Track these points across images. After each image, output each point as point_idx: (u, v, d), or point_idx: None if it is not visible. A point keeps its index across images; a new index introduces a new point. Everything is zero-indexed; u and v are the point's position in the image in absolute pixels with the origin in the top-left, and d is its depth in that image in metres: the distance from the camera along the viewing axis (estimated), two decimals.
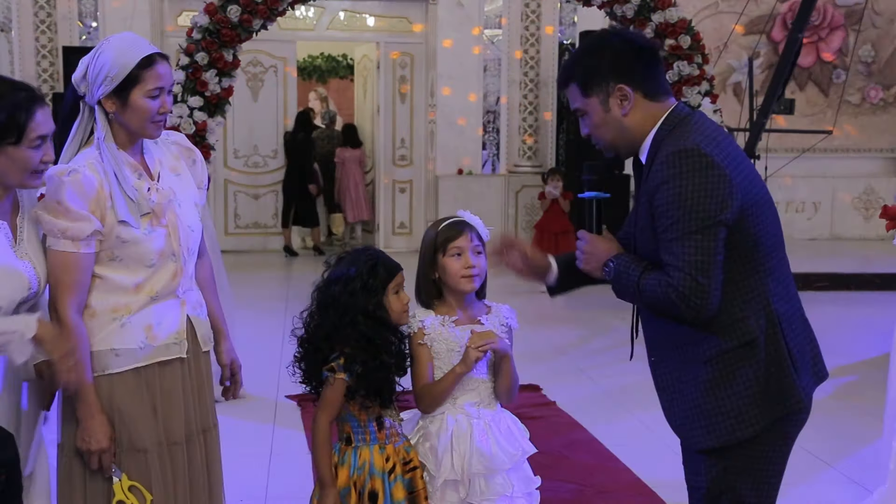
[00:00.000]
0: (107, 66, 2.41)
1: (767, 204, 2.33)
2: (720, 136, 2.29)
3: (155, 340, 2.50)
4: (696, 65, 6.03)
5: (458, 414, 2.67)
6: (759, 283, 2.28)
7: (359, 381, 2.54)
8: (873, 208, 11.32)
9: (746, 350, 2.26)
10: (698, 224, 2.17)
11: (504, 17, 10.98)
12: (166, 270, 2.51)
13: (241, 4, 5.51)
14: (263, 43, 9.87)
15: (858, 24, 11.03)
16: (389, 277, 2.59)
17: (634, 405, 5.06)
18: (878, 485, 3.68)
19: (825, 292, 8.68)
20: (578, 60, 2.42)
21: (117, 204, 2.42)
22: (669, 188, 2.20)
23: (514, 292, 2.59)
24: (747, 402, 2.27)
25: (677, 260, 2.20)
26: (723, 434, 2.28)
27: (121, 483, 2.45)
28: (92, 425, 2.40)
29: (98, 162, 2.44)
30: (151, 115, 2.46)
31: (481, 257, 2.69)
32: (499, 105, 11.39)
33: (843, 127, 11.11)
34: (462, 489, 2.65)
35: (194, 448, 2.59)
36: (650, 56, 2.37)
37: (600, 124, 2.37)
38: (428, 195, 11.09)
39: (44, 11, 10.02)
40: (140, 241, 2.45)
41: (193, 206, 2.62)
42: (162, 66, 2.46)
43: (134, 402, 2.48)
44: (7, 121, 2.26)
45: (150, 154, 2.58)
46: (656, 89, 2.35)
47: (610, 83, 2.32)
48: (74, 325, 2.38)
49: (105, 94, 2.43)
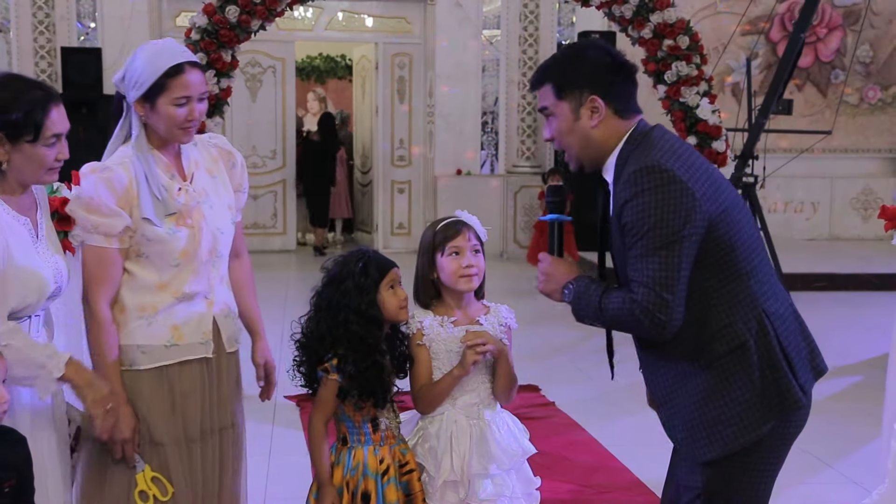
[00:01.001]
0: (137, 71, 2.47)
1: (738, 208, 2.34)
2: (681, 149, 2.30)
3: (181, 340, 2.55)
4: (695, 65, 6.04)
5: (457, 414, 2.67)
6: (742, 286, 2.28)
7: (351, 381, 2.54)
8: (872, 208, 11.33)
9: (738, 355, 2.26)
10: (662, 240, 2.19)
11: (502, 17, 10.98)
12: (191, 271, 2.55)
13: (240, 5, 5.51)
14: (262, 43, 9.87)
15: (858, 25, 11.04)
16: (381, 275, 2.59)
17: (633, 405, 5.05)
18: (878, 485, 3.68)
19: (824, 292, 8.69)
20: (558, 62, 2.43)
21: (143, 202, 2.47)
22: (633, 206, 2.22)
23: (512, 292, 2.59)
24: (746, 406, 2.26)
25: (641, 276, 2.21)
26: (727, 443, 2.27)
27: (143, 474, 2.50)
28: (118, 416, 2.45)
29: (131, 160, 2.50)
30: (178, 122, 2.50)
31: (479, 257, 2.69)
32: (497, 105, 11.39)
33: (841, 127, 11.11)
34: (462, 489, 2.64)
35: (208, 446, 2.61)
36: (627, 74, 2.39)
37: (566, 131, 2.38)
38: (426, 195, 11.09)
39: (42, 12, 10.01)
40: (164, 240, 2.50)
41: (226, 208, 2.66)
42: (191, 74, 2.49)
43: (155, 397, 2.53)
44: (24, 119, 2.29)
45: (187, 155, 2.62)
46: (627, 107, 2.37)
47: (584, 92, 2.34)
48: (105, 319, 2.47)
49: (136, 99, 2.49)
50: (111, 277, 2.49)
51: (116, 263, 2.49)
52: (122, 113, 2.56)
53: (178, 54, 2.50)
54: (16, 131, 2.29)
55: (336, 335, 2.56)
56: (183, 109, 2.48)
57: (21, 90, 2.32)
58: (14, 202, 2.37)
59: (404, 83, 11.10)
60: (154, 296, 2.53)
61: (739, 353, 2.26)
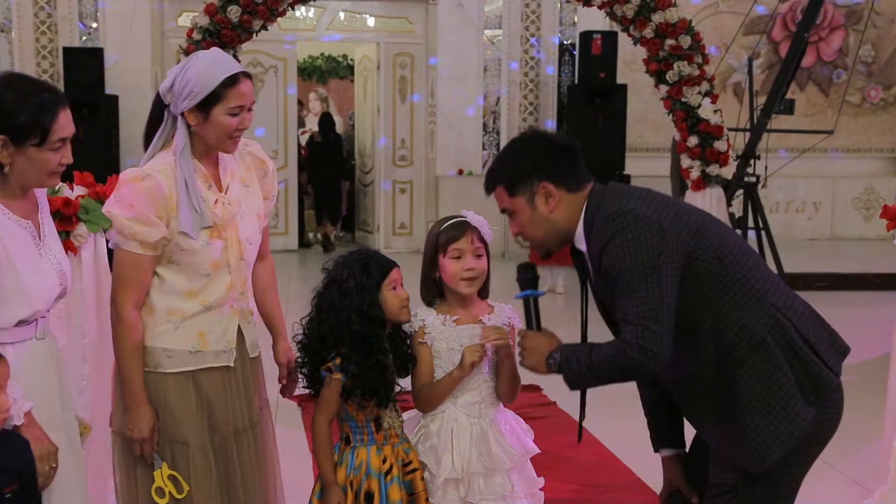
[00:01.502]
0: (192, 81, 2.49)
1: (712, 223, 2.41)
2: (637, 192, 2.40)
3: (206, 347, 2.60)
4: (697, 65, 6.03)
5: (458, 413, 2.67)
6: (745, 289, 2.32)
7: (354, 381, 2.54)
8: (874, 208, 11.31)
9: (760, 353, 2.28)
10: (640, 275, 2.25)
11: (504, 17, 10.97)
12: (220, 281, 2.60)
13: (241, 5, 5.51)
14: (263, 43, 9.86)
15: (862, 25, 11.02)
16: (383, 275, 2.60)
17: (636, 405, 5.04)
18: (879, 485, 3.68)
19: (825, 292, 8.67)
20: (503, 162, 2.52)
21: (182, 214, 2.51)
22: (609, 251, 2.30)
23: (514, 292, 2.59)
24: (788, 400, 2.27)
25: (628, 314, 2.26)
26: (784, 441, 2.26)
27: (161, 472, 2.55)
28: (136, 415, 2.53)
29: (172, 169, 2.53)
30: (230, 131, 2.54)
31: (482, 260, 2.69)
32: (499, 105, 11.38)
33: (843, 127, 11.10)
34: (462, 488, 2.65)
35: (233, 447, 2.65)
36: (570, 152, 2.47)
37: (528, 222, 2.47)
38: (428, 195, 11.09)
39: (44, 12, 10.01)
40: (197, 251, 2.54)
41: (255, 217, 2.70)
42: (245, 84, 2.54)
43: (179, 399, 2.58)
44: (31, 122, 2.24)
45: (224, 165, 2.66)
46: (577, 182, 2.45)
47: (534, 182, 2.43)
48: (130, 322, 2.52)
49: (188, 108, 2.51)
50: (141, 282, 2.54)
51: (148, 269, 2.54)
52: (162, 120, 2.58)
53: (234, 65, 2.56)
54: (21, 135, 2.23)
55: (338, 335, 2.56)
56: (236, 119, 2.53)
57: (28, 92, 2.26)
58: (16, 206, 2.33)
59: (406, 83, 11.10)
60: (183, 302, 2.57)
61: (762, 351, 2.28)
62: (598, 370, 2.32)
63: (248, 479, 2.69)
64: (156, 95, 2.60)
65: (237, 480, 2.66)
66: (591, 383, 2.42)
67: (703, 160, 6.03)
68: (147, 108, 2.64)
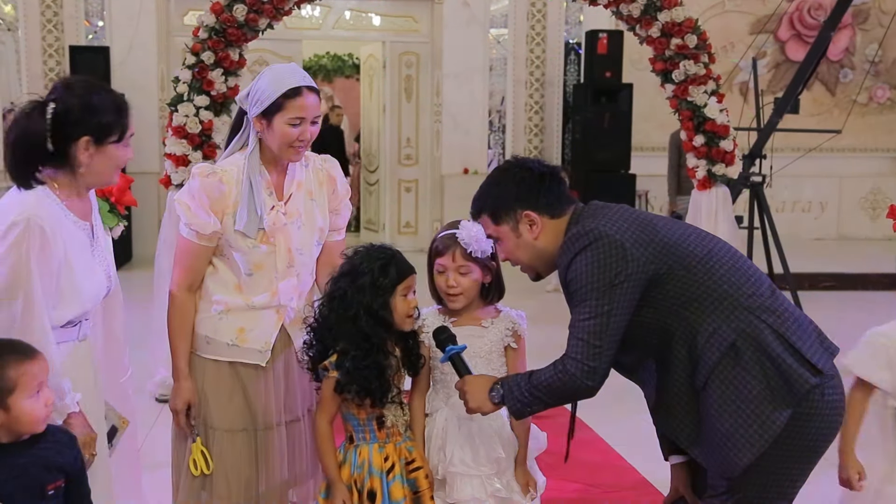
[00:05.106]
0: (261, 90, 2.65)
1: (683, 236, 2.41)
2: (608, 210, 2.44)
3: (243, 343, 2.71)
4: (703, 64, 6.02)
5: (450, 413, 2.68)
6: (714, 294, 2.33)
7: (349, 377, 2.54)
8: (880, 208, 11.30)
9: (731, 357, 2.29)
10: (593, 292, 2.30)
11: (510, 16, 10.97)
12: (263, 284, 2.70)
13: (248, 4, 5.51)
14: (269, 42, 9.86)
15: (869, 25, 11.00)
16: (400, 279, 2.58)
17: (639, 404, 5.04)
18: None
19: (831, 292, 8.66)
20: (486, 192, 2.57)
21: (239, 213, 2.65)
22: (570, 272, 2.36)
23: (516, 291, 2.59)
24: (757, 402, 2.26)
25: (574, 328, 2.34)
26: (753, 444, 2.27)
27: (196, 444, 2.71)
28: (176, 388, 2.73)
29: (237, 169, 2.68)
30: (290, 140, 2.65)
31: (466, 277, 2.67)
32: (504, 104, 11.38)
33: (849, 127, 11.08)
34: (447, 487, 2.66)
35: (268, 437, 2.74)
36: (551, 179, 2.52)
37: (514, 249, 2.54)
38: (434, 194, 11.09)
39: (50, 10, 10.02)
40: (243, 250, 2.68)
41: (316, 230, 2.79)
42: (309, 97, 2.65)
43: (213, 384, 2.72)
44: (114, 120, 2.36)
45: (292, 176, 2.76)
46: (560, 208, 2.51)
47: (517, 210, 2.49)
48: (181, 302, 2.70)
49: (255, 115, 2.67)
50: (194, 268, 2.71)
51: (201, 257, 2.70)
52: (242, 126, 2.74)
53: (300, 78, 2.67)
54: (105, 132, 2.34)
55: (342, 329, 2.55)
56: (296, 129, 2.64)
57: (104, 93, 2.40)
58: (77, 207, 2.42)
59: (411, 82, 11.10)
60: (231, 295, 2.71)
61: (731, 355, 2.29)
62: (538, 392, 2.37)
63: (272, 472, 2.75)
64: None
65: (259, 474, 2.73)
66: (536, 407, 2.43)
67: (709, 159, 6.02)
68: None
